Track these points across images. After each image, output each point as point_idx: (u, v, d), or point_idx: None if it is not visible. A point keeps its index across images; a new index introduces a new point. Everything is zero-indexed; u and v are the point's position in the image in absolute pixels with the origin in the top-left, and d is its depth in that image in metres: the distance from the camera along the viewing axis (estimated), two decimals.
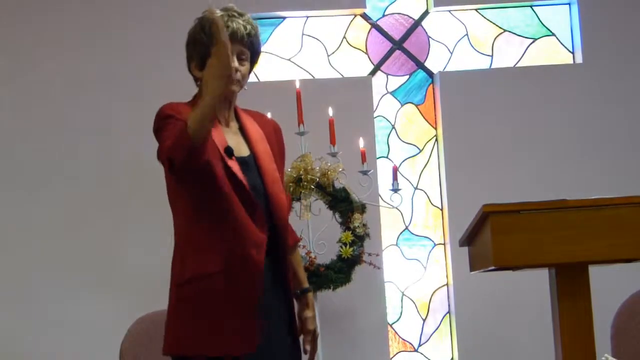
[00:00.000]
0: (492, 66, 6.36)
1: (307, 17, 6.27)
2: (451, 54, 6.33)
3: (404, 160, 6.23)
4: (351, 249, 5.39)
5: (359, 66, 6.27)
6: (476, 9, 6.36)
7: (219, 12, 3.24)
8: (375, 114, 6.20)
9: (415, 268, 6.18)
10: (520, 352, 5.92)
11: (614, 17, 6.30)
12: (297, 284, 3.50)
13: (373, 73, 6.26)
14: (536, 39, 6.40)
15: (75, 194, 5.90)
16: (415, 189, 6.23)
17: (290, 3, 6.22)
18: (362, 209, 5.44)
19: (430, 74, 6.30)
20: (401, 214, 6.12)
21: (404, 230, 6.19)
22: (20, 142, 5.93)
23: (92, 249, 5.87)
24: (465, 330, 6.06)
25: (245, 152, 3.37)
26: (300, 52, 6.25)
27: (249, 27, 3.33)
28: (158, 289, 5.75)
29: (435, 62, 6.30)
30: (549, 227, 3.12)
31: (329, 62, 6.25)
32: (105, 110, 5.98)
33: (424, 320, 6.17)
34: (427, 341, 6.16)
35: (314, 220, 5.43)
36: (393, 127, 6.26)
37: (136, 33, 6.03)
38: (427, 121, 6.28)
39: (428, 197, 6.23)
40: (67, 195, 5.90)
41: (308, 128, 5.42)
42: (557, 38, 6.40)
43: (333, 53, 6.25)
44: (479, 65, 6.34)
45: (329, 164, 5.40)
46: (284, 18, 6.25)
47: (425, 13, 6.34)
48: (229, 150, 3.30)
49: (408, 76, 6.31)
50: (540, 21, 6.39)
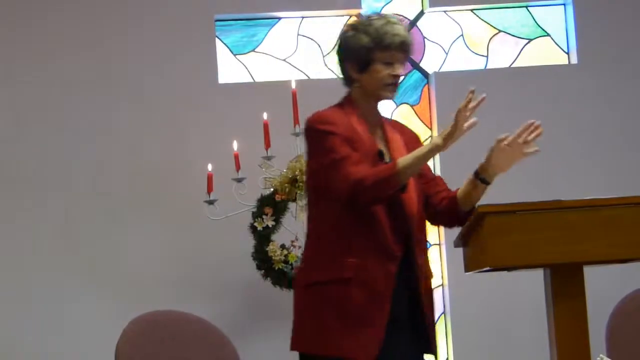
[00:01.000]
0: (488, 67, 6.36)
1: (303, 18, 6.26)
2: (446, 54, 6.34)
3: None
4: None
5: None
6: (471, 10, 6.37)
7: (375, 15, 3.42)
8: None
9: None
10: (515, 353, 5.92)
11: (609, 18, 6.30)
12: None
13: None
14: (531, 40, 6.40)
15: (72, 194, 5.90)
16: None
17: (285, 3, 6.22)
18: None
19: (425, 74, 6.30)
20: None
21: None
22: (19, 143, 5.92)
23: (88, 250, 5.86)
24: (461, 330, 6.06)
25: (386, 159, 3.44)
26: (296, 53, 6.25)
27: (409, 37, 3.51)
28: (154, 289, 5.79)
29: (430, 63, 6.31)
30: (544, 228, 3.12)
31: (325, 63, 6.25)
32: (104, 112, 5.97)
33: None
34: None
35: None
36: None
37: (135, 33, 6.04)
38: (423, 121, 6.28)
39: None
40: (65, 196, 5.89)
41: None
42: (552, 39, 6.40)
43: (329, 53, 6.25)
44: (474, 65, 6.34)
45: None
46: (279, 18, 6.24)
47: (421, 13, 6.34)
48: (381, 153, 3.40)
49: (403, 76, 6.30)
50: (536, 22, 6.40)
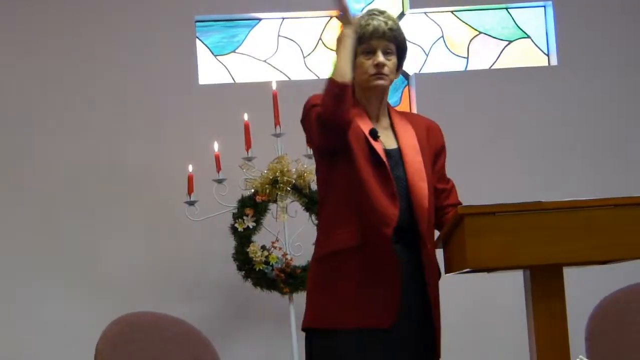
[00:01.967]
0: (468, 68, 6.37)
1: (283, 19, 6.26)
2: (427, 55, 6.35)
3: None
4: None
5: None
6: (452, 11, 6.38)
7: (361, 14, 3.44)
8: None
9: None
10: (495, 354, 5.93)
11: (589, 20, 6.32)
12: None
13: None
14: (511, 41, 6.42)
15: (52, 194, 5.88)
16: None
17: (266, 4, 6.21)
18: None
19: (406, 75, 6.31)
20: None
21: None
22: None
23: (68, 251, 5.84)
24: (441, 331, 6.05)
25: (392, 145, 3.48)
26: (277, 54, 6.25)
27: (390, 22, 3.47)
28: (134, 290, 5.77)
29: (411, 64, 6.31)
30: (524, 229, 3.11)
31: (305, 64, 6.25)
32: (84, 112, 5.96)
33: None
34: None
35: (291, 222, 5.42)
36: None
37: (115, 34, 6.02)
38: None
39: None
40: (44, 196, 5.88)
41: (284, 129, 5.40)
42: (533, 40, 6.42)
43: (309, 54, 6.25)
44: (454, 67, 6.35)
45: (306, 166, 5.39)
46: (259, 19, 6.24)
47: (401, 15, 6.35)
48: (374, 131, 3.42)
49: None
50: (516, 23, 6.42)
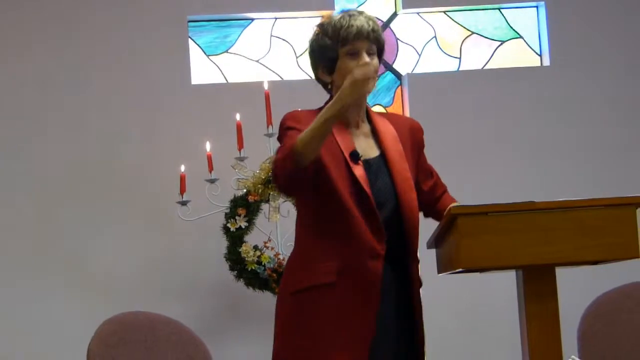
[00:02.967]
0: (461, 68, 6.37)
1: (276, 19, 6.25)
2: (419, 56, 6.35)
3: None
4: None
5: None
6: (444, 12, 6.38)
7: (338, 15, 3.38)
8: None
9: None
10: (488, 354, 5.93)
11: (582, 20, 6.33)
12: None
13: None
14: (504, 42, 6.42)
15: (44, 195, 5.86)
16: None
17: (258, 4, 6.20)
18: None
19: (398, 75, 6.31)
20: None
21: None
22: None
23: (60, 251, 5.83)
24: (433, 331, 6.05)
25: (374, 153, 3.34)
26: (269, 54, 6.24)
27: (371, 23, 3.37)
28: (126, 291, 5.77)
29: (403, 64, 6.31)
30: (517, 229, 3.11)
31: (298, 64, 6.25)
32: (77, 112, 5.94)
33: None
34: None
35: (283, 221, 5.42)
36: None
37: (108, 34, 6.01)
38: None
39: None
40: (36, 197, 5.86)
41: (277, 129, 5.38)
42: (525, 41, 6.43)
43: (302, 54, 6.24)
44: (447, 67, 6.35)
45: None
46: (252, 19, 6.23)
47: (394, 15, 6.35)
48: (355, 154, 3.27)
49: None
50: (508, 24, 6.42)
